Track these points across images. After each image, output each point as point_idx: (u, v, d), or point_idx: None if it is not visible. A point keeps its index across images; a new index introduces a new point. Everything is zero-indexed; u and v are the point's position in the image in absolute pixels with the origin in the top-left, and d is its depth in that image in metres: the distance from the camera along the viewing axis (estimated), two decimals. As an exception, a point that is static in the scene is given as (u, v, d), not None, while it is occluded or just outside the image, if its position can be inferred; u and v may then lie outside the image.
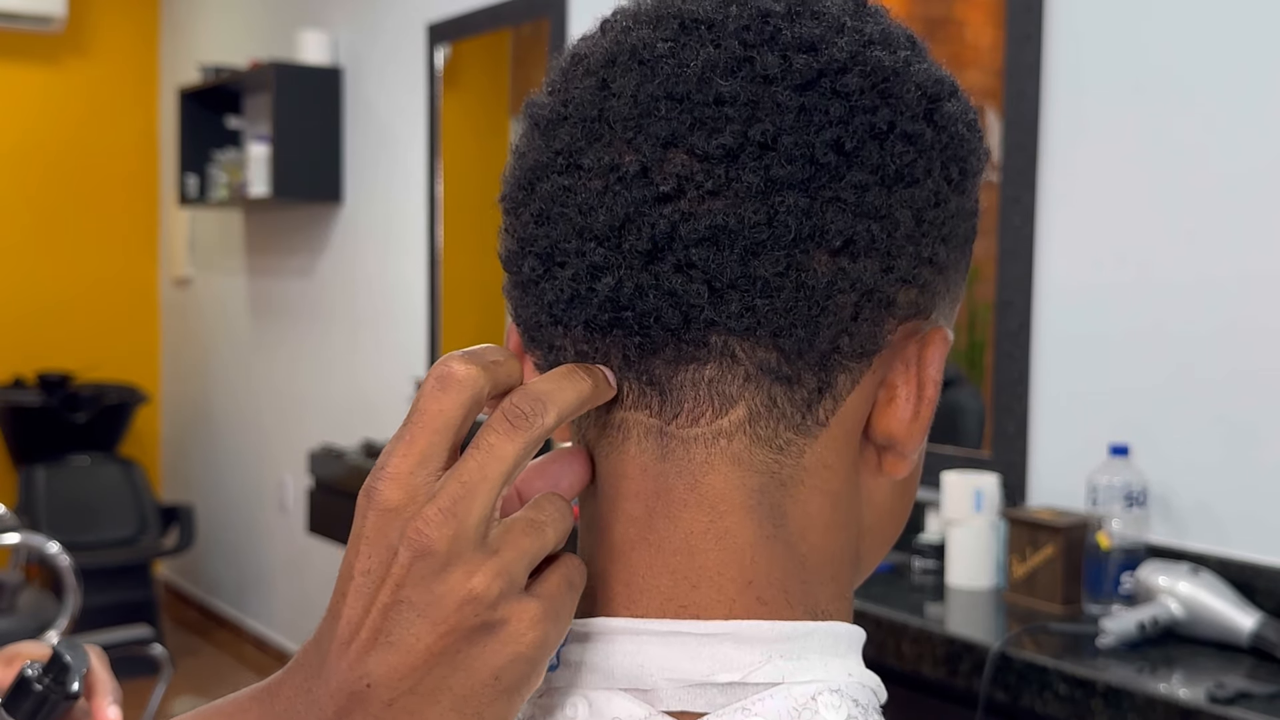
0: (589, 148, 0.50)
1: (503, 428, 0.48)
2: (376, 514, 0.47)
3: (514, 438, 0.48)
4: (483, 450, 0.47)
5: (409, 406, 0.49)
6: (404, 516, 0.47)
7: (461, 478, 0.47)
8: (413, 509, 0.47)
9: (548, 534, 0.49)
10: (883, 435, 0.53)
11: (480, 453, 0.47)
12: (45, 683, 0.82)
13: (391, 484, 0.47)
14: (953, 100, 0.53)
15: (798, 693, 0.49)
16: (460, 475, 0.47)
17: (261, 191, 4.26)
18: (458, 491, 0.46)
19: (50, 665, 0.83)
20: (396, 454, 0.48)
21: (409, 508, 0.47)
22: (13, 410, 5.11)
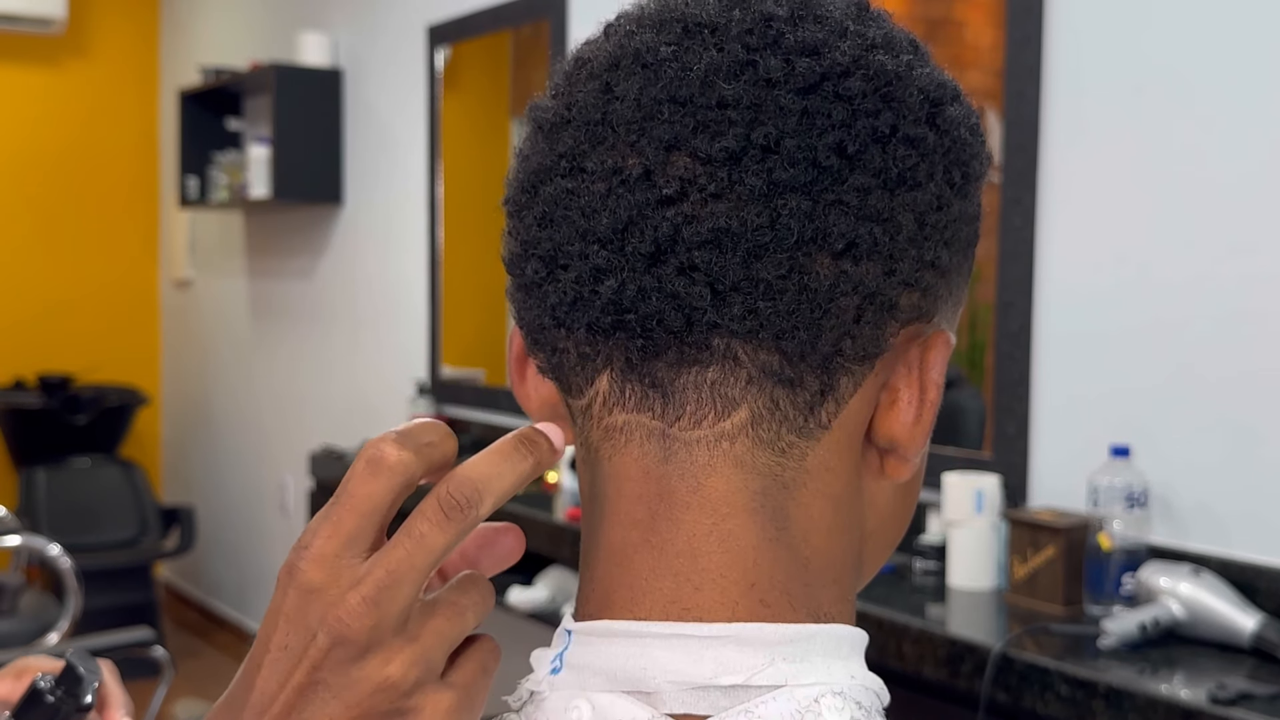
0: (592, 151, 0.50)
1: (436, 518, 0.48)
2: (297, 593, 0.47)
3: (446, 529, 0.48)
4: (413, 539, 0.47)
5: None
6: (325, 600, 0.47)
7: (388, 566, 0.47)
8: (335, 593, 0.47)
9: (468, 618, 0.49)
10: (885, 438, 0.53)
11: (410, 542, 0.47)
12: (58, 695, 0.82)
13: (314, 565, 0.47)
14: (955, 104, 0.53)
15: (800, 695, 0.49)
16: (387, 563, 0.47)
17: (262, 193, 4.26)
18: (383, 580, 0.47)
19: (63, 677, 0.83)
20: (321, 534, 0.47)
21: (331, 590, 0.47)
22: (13, 412, 5.11)
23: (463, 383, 3.76)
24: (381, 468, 0.48)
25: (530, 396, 0.57)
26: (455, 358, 3.83)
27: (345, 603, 0.46)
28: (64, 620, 3.40)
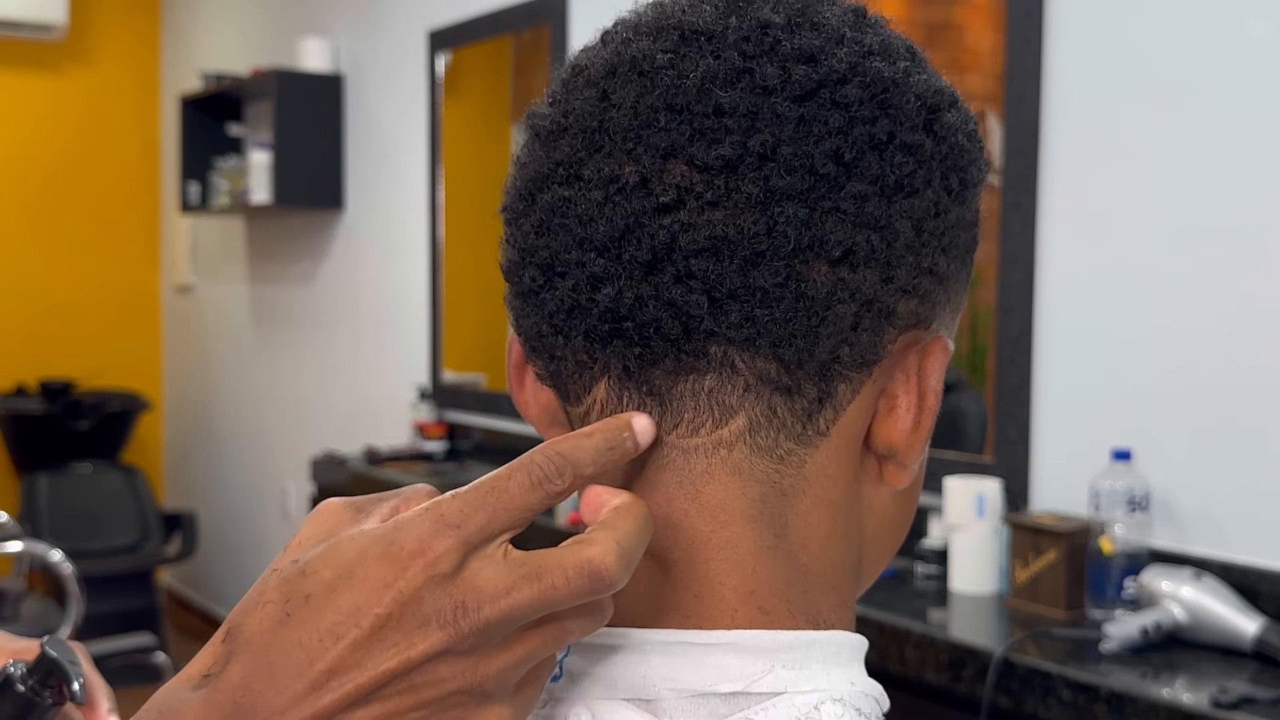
0: (589, 159, 0.50)
1: (526, 482, 0.47)
2: (426, 574, 0.45)
3: (532, 494, 0.47)
4: (498, 497, 0.46)
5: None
6: (455, 590, 0.45)
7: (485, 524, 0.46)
8: (466, 590, 0.45)
9: (566, 641, 0.48)
10: (883, 445, 0.53)
11: (496, 500, 0.46)
12: (30, 684, 0.72)
13: (459, 551, 0.45)
14: (952, 111, 0.53)
15: (800, 702, 0.49)
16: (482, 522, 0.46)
17: (263, 198, 4.27)
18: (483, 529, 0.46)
19: (36, 667, 0.72)
20: (475, 523, 0.45)
21: (461, 585, 0.45)
22: (15, 418, 5.11)
23: (464, 387, 3.76)
24: (545, 489, 0.47)
25: (529, 404, 0.57)
26: (456, 363, 3.83)
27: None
28: (66, 626, 3.40)
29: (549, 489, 0.46)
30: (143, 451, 5.71)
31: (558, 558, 0.45)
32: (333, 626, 0.44)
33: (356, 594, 0.44)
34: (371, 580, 0.44)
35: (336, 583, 0.44)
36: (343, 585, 0.44)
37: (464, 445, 3.72)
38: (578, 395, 0.53)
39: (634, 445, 0.49)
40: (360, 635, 0.44)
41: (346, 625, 0.44)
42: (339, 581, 0.44)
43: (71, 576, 3.43)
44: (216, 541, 5.28)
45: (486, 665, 0.45)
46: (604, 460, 0.48)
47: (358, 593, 0.44)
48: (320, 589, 0.44)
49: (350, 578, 0.44)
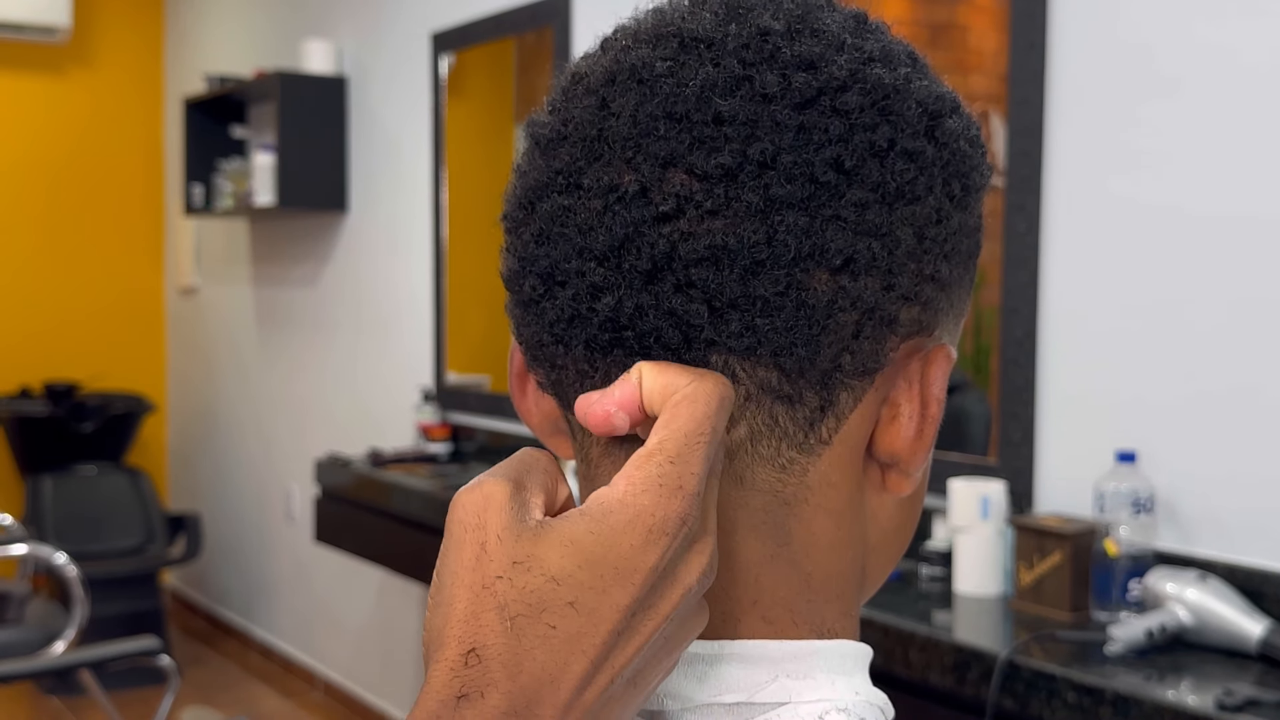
0: (589, 167, 0.50)
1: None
2: (685, 542, 0.47)
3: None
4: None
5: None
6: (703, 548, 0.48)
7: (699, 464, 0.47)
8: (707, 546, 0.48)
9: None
10: (886, 453, 0.52)
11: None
12: None
13: (693, 507, 0.47)
14: (954, 116, 0.52)
15: (805, 712, 0.49)
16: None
17: (267, 201, 4.27)
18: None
19: None
20: (697, 479, 0.47)
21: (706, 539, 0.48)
22: (19, 420, 5.12)
23: (468, 389, 3.76)
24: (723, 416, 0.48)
25: (532, 412, 0.57)
26: (460, 364, 3.83)
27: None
28: (70, 628, 3.41)
29: (723, 417, 0.47)
30: (147, 454, 5.71)
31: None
32: (601, 622, 0.44)
33: (620, 587, 0.44)
34: (631, 566, 0.45)
35: (599, 582, 0.44)
36: (605, 582, 0.44)
37: (468, 447, 3.72)
38: None
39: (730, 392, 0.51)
40: (622, 621, 0.45)
41: (612, 617, 0.44)
42: (600, 580, 0.44)
43: (76, 579, 3.44)
44: (221, 543, 5.28)
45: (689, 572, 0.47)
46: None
47: (621, 585, 0.44)
48: (583, 592, 0.44)
49: (614, 571, 0.44)
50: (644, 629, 0.45)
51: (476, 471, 3.50)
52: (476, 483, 0.47)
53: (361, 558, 3.57)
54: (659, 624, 0.45)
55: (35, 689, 4.49)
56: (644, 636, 0.45)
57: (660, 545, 0.45)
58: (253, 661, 4.96)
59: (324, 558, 4.40)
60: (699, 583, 0.46)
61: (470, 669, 0.43)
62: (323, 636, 4.59)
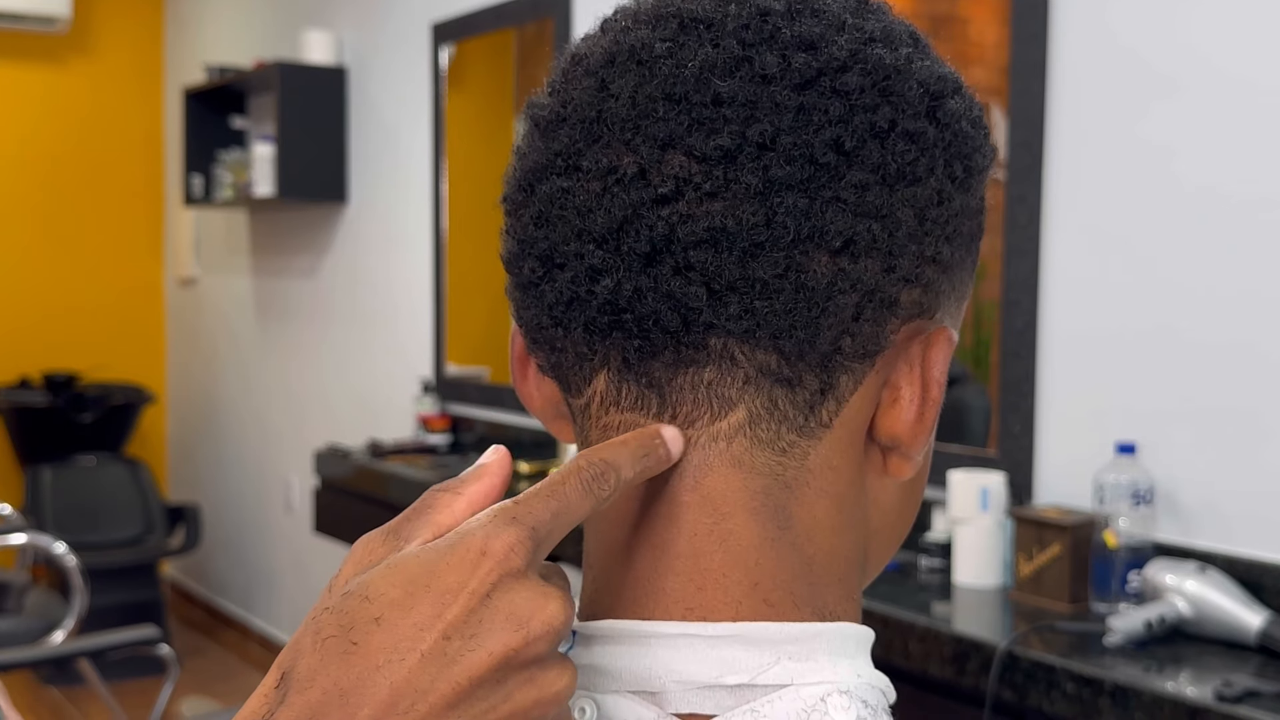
0: (588, 149, 0.50)
1: (580, 486, 0.47)
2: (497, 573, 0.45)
3: (586, 498, 0.47)
4: (559, 500, 0.47)
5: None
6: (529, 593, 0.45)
7: (547, 515, 0.46)
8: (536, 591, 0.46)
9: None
10: (887, 436, 0.52)
11: (556, 503, 0.47)
12: None
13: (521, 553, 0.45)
14: (956, 97, 0.52)
15: (807, 694, 0.49)
16: (543, 514, 0.46)
17: (266, 191, 4.26)
18: (546, 524, 0.46)
19: None
20: (536, 517, 0.46)
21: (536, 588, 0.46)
22: (19, 411, 5.12)
23: (467, 380, 3.76)
24: (596, 492, 0.47)
25: (533, 395, 0.57)
26: (460, 356, 3.83)
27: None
28: (69, 618, 3.41)
29: (599, 491, 0.47)
30: (146, 444, 5.71)
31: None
32: (405, 641, 0.42)
33: (431, 604, 0.43)
34: (446, 586, 0.43)
35: (408, 599, 0.43)
36: (416, 599, 0.43)
37: (467, 438, 3.72)
38: (578, 387, 0.53)
39: (666, 453, 0.49)
40: (435, 645, 0.42)
41: (421, 637, 0.42)
42: (410, 598, 0.43)
43: (75, 569, 3.44)
44: (220, 534, 5.28)
45: (556, 679, 0.45)
46: (640, 465, 0.48)
47: (432, 603, 0.43)
48: (391, 608, 0.43)
49: (425, 589, 0.43)
50: (466, 660, 0.42)
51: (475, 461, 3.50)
52: (367, 533, 0.48)
53: (361, 548, 3.56)
54: (488, 660, 0.43)
55: (34, 678, 4.49)
56: (469, 669, 0.42)
57: (480, 568, 0.43)
58: (252, 652, 4.96)
59: (323, 548, 4.40)
60: (541, 624, 0.43)
61: (277, 691, 0.44)
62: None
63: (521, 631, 0.43)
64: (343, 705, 0.42)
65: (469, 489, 0.48)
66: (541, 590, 0.44)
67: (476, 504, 0.47)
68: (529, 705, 0.44)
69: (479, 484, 0.48)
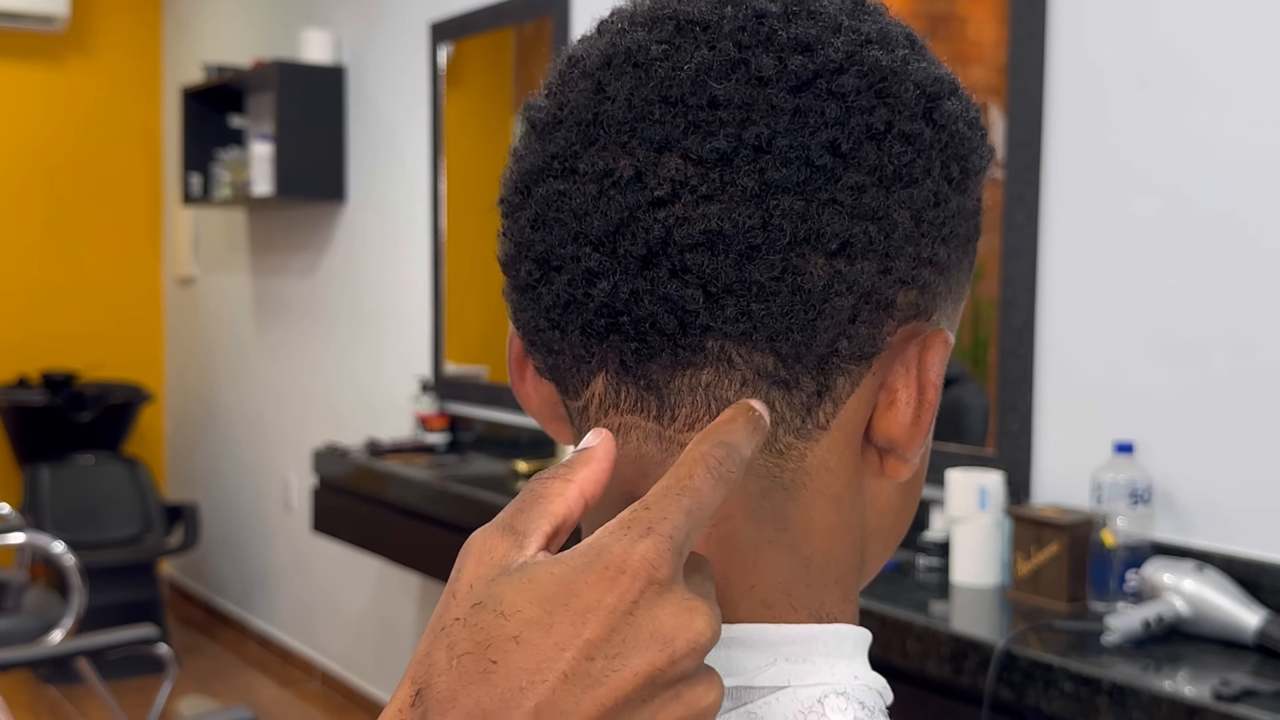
0: (584, 152, 0.50)
1: (711, 476, 0.45)
2: (647, 586, 0.42)
3: (718, 489, 0.45)
4: (691, 497, 0.44)
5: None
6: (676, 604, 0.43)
7: (684, 519, 0.44)
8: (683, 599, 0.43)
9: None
10: (883, 438, 0.52)
11: (689, 500, 0.44)
12: None
13: (669, 559, 0.43)
14: (953, 98, 0.52)
15: (804, 696, 0.49)
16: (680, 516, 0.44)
17: (265, 190, 4.26)
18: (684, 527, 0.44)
19: None
20: (672, 524, 0.43)
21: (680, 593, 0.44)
22: (17, 409, 5.11)
23: (466, 380, 3.76)
24: (726, 479, 0.45)
25: (531, 397, 0.57)
26: (458, 355, 3.83)
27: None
28: (68, 618, 3.41)
29: (729, 476, 0.45)
30: (145, 443, 5.71)
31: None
32: (547, 660, 0.41)
33: (570, 622, 0.41)
34: (586, 604, 0.42)
35: (546, 618, 0.41)
36: (555, 617, 0.41)
37: (466, 437, 3.72)
38: (576, 389, 0.53)
39: (766, 423, 0.48)
40: (578, 664, 0.41)
41: (561, 656, 0.41)
42: (549, 615, 0.41)
43: (74, 568, 3.44)
44: (218, 533, 5.28)
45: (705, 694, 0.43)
46: (754, 439, 0.47)
47: (573, 621, 0.41)
48: (530, 627, 0.41)
49: (565, 607, 0.41)
50: (611, 681, 0.41)
51: (475, 462, 3.51)
52: (481, 528, 0.46)
53: (359, 548, 3.57)
54: (633, 679, 0.41)
55: (33, 677, 4.49)
56: (614, 690, 0.41)
57: (620, 585, 0.41)
58: (250, 651, 4.96)
59: (322, 547, 4.40)
60: (687, 642, 0.42)
61: (414, 709, 0.42)
62: (321, 626, 4.59)
63: (667, 650, 0.42)
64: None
65: (578, 475, 0.46)
66: (687, 605, 0.42)
67: (587, 490, 0.46)
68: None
69: (586, 469, 0.46)
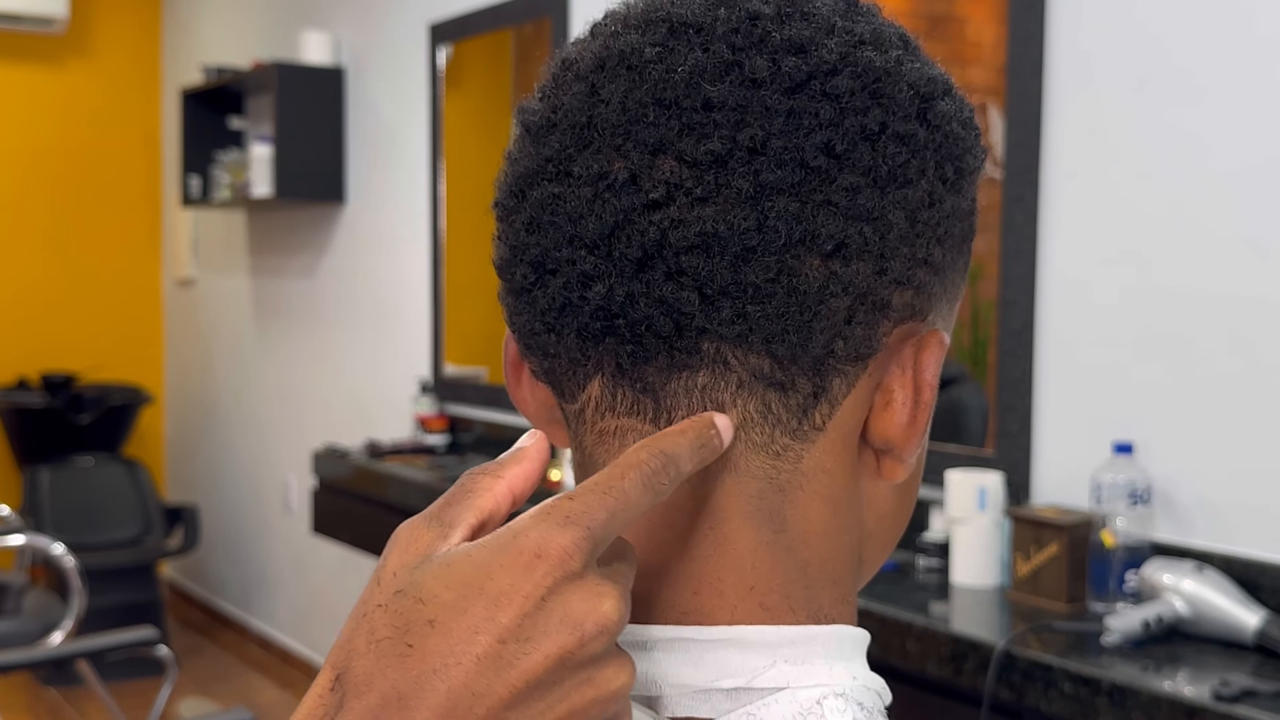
0: (579, 155, 0.50)
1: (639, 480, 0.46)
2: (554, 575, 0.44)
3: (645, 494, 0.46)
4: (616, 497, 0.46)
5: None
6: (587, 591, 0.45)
7: (604, 513, 0.45)
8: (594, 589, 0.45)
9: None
10: (880, 439, 0.52)
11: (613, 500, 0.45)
12: None
13: (581, 552, 0.44)
14: (946, 99, 0.52)
15: (803, 697, 0.49)
16: (601, 511, 0.45)
17: (264, 192, 4.26)
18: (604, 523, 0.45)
19: None
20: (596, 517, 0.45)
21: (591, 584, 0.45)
22: (17, 411, 5.11)
23: (465, 381, 3.76)
24: (656, 487, 0.46)
25: (527, 400, 0.57)
26: (458, 356, 3.83)
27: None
28: (68, 620, 3.41)
29: (659, 486, 0.46)
30: (144, 445, 5.71)
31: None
32: (460, 644, 0.42)
33: (485, 607, 0.43)
34: (500, 589, 0.43)
35: (462, 602, 0.43)
36: (470, 602, 0.43)
37: (465, 439, 3.72)
38: (572, 392, 0.53)
39: (720, 442, 0.49)
40: (491, 648, 0.42)
41: (476, 640, 0.42)
42: (464, 600, 0.43)
43: (74, 570, 3.44)
44: (218, 535, 5.28)
45: (613, 678, 0.45)
46: (698, 456, 0.48)
47: (486, 606, 0.43)
48: (446, 611, 0.43)
49: (480, 592, 0.43)
50: (522, 663, 0.42)
51: (474, 463, 3.51)
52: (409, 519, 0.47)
53: (359, 549, 3.57)
54: (543, 662, 0.42)
55: (33, 679, 4.49)
56: (525, 672, 0.42)
57: (536, 572, 0.43)
58: (250, 652, 4.96)
59: (322, 549, 4.40)
60: (595, 625, 0.43)
61: (333, 693, 0.44)
62: (320, 628, 4.59)
63: (576, 633, 0.43)
64: (401, 709, 0.42)
65: (508, 472, 0.48)
66: (597, 590, 0.44)
67: (516, 488, 0.47)
68: (586, 704, 0.44)
69: (518, 467, 0.48)
